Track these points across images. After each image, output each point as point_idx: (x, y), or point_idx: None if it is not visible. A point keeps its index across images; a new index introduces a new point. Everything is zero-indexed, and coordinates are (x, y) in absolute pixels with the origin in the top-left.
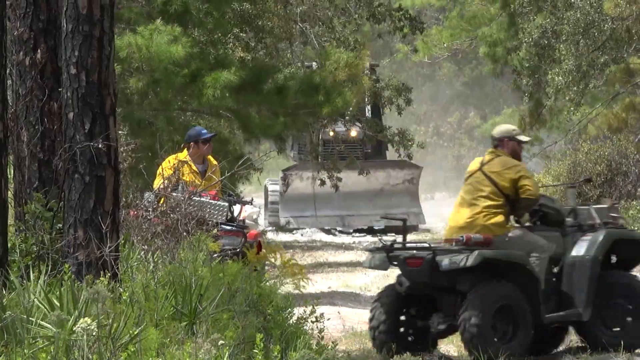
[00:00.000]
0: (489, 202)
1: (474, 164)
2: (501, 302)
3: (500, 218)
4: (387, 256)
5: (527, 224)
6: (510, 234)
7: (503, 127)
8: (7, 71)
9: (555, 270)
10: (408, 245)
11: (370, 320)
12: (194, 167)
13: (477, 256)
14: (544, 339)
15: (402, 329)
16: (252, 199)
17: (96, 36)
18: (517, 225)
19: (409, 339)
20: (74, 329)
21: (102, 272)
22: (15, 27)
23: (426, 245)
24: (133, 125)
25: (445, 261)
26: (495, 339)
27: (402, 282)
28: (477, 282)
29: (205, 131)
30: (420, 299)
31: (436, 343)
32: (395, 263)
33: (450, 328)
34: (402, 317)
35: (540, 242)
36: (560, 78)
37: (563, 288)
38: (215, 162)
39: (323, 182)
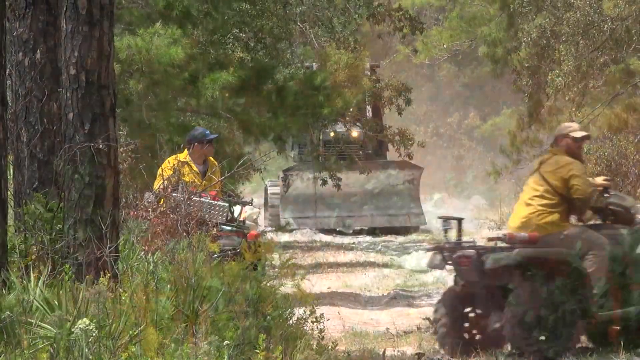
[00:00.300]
0: (544, 201)
1: (535, 164)
2: (544, 301)
3: (555, 217)
4: (442, 256)
5: (593, 222)
6: (566, 232)
7: (560, 125)
8: (7, 71)
9: (621, 269)
10: (462, 244)
11: (434, 320)
12: (194, 168)
13: (517, 255)
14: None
15: (466, 328)
16: (252, 200)
17: (96, 37)
18: (579, 223)
19: (475, 337)
20: (72, 329)
21: (101, 273)
22: (14, 28)
23: (479, 244)
24: (133, 126)
25: (488, 260)
26: (538, 337)
27: (458, 282)
28: (522, 280)
29: (208, 132)
30: (482, 297)
31: (504, 341)
32: (450, 263)
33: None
34: (465, 316)
35: (598, 241)
36: (560, 79)
37: (623, 286)
38: (215, 163)
39: (325, 182)
